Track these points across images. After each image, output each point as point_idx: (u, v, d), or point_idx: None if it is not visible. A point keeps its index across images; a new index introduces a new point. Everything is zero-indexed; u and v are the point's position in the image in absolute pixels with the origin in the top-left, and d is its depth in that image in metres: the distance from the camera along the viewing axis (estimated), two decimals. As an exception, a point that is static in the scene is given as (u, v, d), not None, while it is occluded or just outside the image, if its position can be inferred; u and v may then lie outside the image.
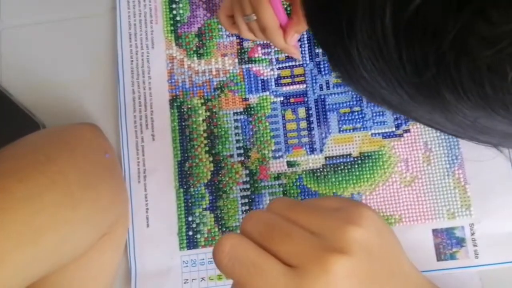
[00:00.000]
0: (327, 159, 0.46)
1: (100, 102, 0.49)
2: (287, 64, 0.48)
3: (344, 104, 0.47)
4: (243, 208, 0.46)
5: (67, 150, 0.40)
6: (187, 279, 0.45)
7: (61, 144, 0.41)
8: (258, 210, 0.30)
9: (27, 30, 0.51)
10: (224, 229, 0.46)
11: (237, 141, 0.47)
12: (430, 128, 0.46)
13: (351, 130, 0.46)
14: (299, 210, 0.28)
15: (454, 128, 0.20)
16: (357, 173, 0.46)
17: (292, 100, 0.47)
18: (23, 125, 0.48)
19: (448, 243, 0.44)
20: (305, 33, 0.48)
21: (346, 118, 0.47)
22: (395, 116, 0.46)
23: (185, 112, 0.48)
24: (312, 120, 0.47)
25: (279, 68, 0.48)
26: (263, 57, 0.48)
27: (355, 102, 0.47)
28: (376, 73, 0.19)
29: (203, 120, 0.48)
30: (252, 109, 0.47)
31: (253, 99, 0.48)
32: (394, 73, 0.19)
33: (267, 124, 0.47)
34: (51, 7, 0.51)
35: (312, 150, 0.46)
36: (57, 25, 0.51)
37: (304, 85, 0.47)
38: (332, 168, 0.46)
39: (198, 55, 0.49)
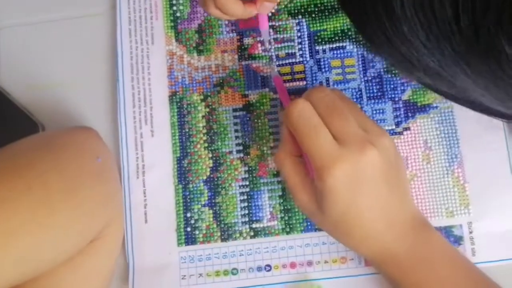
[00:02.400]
0: (326, 156, 0.46)
1: (99, 98, 0.49)
2: (287, 61, 0.48)
3: (344, 102, 0.47)
4: (242, 204, 0.46)
5: (51, 154, 0.39)
6: (185, 275, 0.45)
7: (48, 148, 0.40)
8: (324, 87, 0.41)
9: (26, 29, 0.51)
10: (223, 226, 0.46)
11: (237, 137, 0.47)
12: (429, 127, 0.45)
13: (351, 128, 0.46)
14: (352, 105, 0.39)
15: (499, 96, 0.19)
16: (356, 170, 0.46)
17: (292, 97, 0.47)
18: (22, 125, 0.48)
19: (446, 241, 0.44)
20: (305, 30, 0.48)
21: (346, 115, 0.46)
22: (395, 114, 0.46)
23: (184, 108, 0.48)
24: (312, 117, 0.47)
25: (279, 65, 0.48)
26: (263, 53, 0.48)
27: (355, 100, 0.47)
28: (419, 26, 0.18)
29: (203, 117, 0.48)
30: (252, 105, 0.47)
31: (253, 95, 0.48)
32: (443, 26, 0.17)
33: (267, 120, 0.47)
34: (51, 6, 0.51)
35: (311, 147, 0.46)
36: (57, 21, 0.51)
37: (304, 82, 0.47)
38: (331, 166, 0.46)
39: (198, 51, 0.49)
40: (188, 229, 0.46)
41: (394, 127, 0.46)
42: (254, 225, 0.46)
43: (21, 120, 0.48)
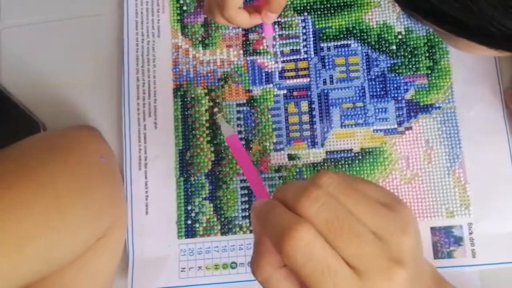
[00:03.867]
0: (328, 153, 0.46)
1: (104, 89, 0.49)
2: (291, 58, 0.48)
3: (347, 99, 0.47)
4: (242, 199, 0.46)
5: (60, 155, 0.39)
6: (184, 268, 0.45)
7: (55, 149, 0.40)
8: (315, 186, 0.28)
9: (27, 29, 0.51)
10: (223, 219, 0.46)
11: (239, 132, 0.47)
12: (432, 127, 0.46)
13: (353, 126, 0.46)
14: (356, 199, 0.28)
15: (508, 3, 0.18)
16: (358, 168, 0.46)
17: (295, 93, 0.47)
18: (23, 124, 0.48)
19: (445, 241, 0.44)
20: (311, 27, 0.48)
21: (349, 113, 0.47)
22: (397, 113, 0.46)
23: (188, 102, 0.48)
24: (315, 114, 0.47)
25: (283, 61, 0.48)
26: (268, 49, 0.48)
27: (358, 98, 0.47)
28: None
29: (206, 110, 0.48)
30: (255, 101, 0.48)
31: (257, 91, 0.48)
32: None
33: (270, 116, 0.47)
34: (53, 6, 0.51)
35: (314, 144, 0.46)
36: (59, 21, 0.51)
37: (308, 79, 0.48)
38: (332, 163, 0.46)
39: (204, 45, 0.49)
40: (189, 222, 0.46)
41: (396, 126, 0.46)
42: (254, 220, 0.46)
43: (23, 120, 0.48)
